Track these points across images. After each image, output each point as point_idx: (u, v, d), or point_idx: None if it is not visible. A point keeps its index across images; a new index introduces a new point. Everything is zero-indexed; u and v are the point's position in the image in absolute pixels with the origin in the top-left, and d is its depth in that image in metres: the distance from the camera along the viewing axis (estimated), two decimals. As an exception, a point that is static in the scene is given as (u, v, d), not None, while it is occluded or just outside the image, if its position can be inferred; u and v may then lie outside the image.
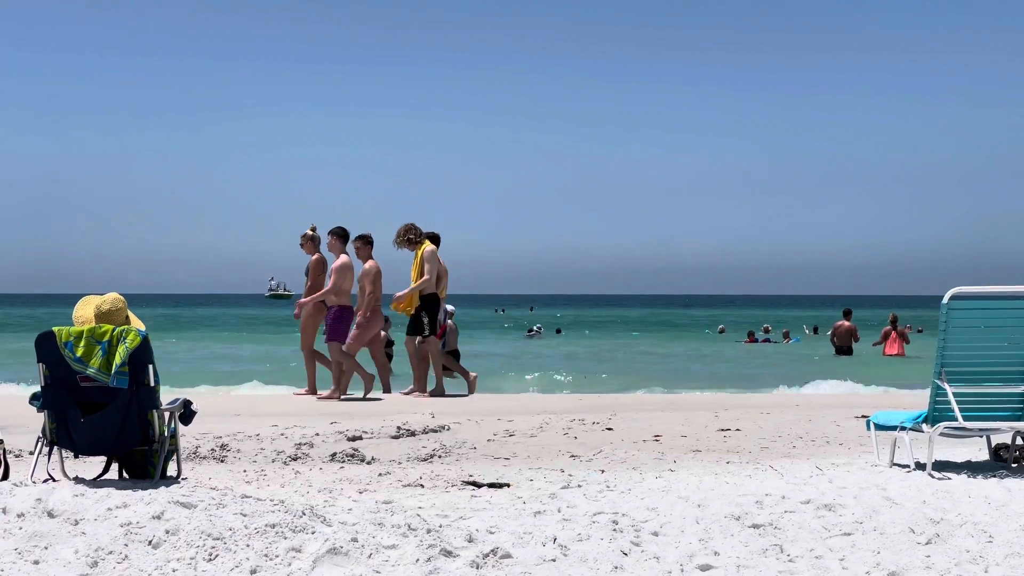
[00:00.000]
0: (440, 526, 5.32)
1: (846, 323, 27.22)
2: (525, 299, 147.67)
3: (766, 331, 39.38)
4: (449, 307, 21.43)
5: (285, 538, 4.86)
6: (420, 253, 13.44)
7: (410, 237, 13.56)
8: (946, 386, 7.04)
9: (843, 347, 26.89)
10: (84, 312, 6.44)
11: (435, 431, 10.07)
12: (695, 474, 7.29)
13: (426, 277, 13.30)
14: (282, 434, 9.65)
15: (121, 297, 6.44)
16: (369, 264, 13.39)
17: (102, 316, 6.31)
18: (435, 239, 13.80)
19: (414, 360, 13.68)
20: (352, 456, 8.33)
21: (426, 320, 13.47)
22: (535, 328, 46.06)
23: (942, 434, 7.17)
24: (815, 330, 43.08)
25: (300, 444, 8.97)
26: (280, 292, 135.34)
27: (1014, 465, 7.39)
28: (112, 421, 6.14)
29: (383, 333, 21.82)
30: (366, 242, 13.55)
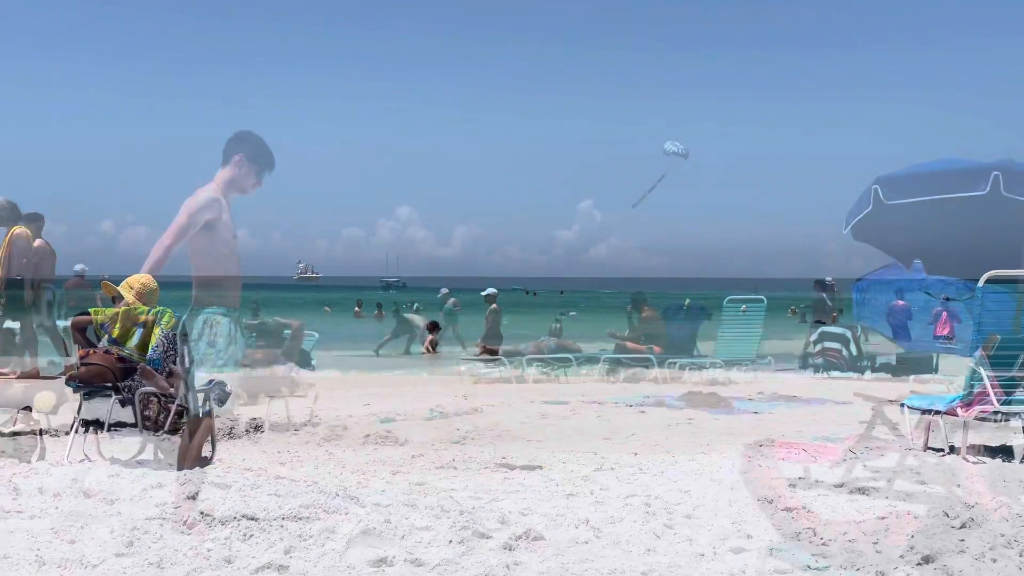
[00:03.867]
0: (473, 508, 5.33)
1: None
2: (556, 283, 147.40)
3: (793, 312, 39.16)
4: (491, 290, 21.36)
5: (319, 519, 4.90)
6: (10, 236, 13.09)
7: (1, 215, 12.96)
8: (981, 370, 6.97)
9: None
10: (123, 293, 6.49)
11: (468, 413, 10.09)
12: (728, 457, 7.27)
13: (24, 261, 12.96)
14: (316, 415, 9.70)
15: (152, 278, 6.51)
16: None
17: (140, 295, 6.36)
18: (38, 219, 13.39)
19: None
20: (385, 438, 8.36)
21: None
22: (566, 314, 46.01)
23: (977, 418, 7.11)
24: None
25: (333, 426, 9.01)
26: (309, 275, 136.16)
27: (1050, 449, 7.32)
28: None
29: (430, 336, 21.91)
30: None
